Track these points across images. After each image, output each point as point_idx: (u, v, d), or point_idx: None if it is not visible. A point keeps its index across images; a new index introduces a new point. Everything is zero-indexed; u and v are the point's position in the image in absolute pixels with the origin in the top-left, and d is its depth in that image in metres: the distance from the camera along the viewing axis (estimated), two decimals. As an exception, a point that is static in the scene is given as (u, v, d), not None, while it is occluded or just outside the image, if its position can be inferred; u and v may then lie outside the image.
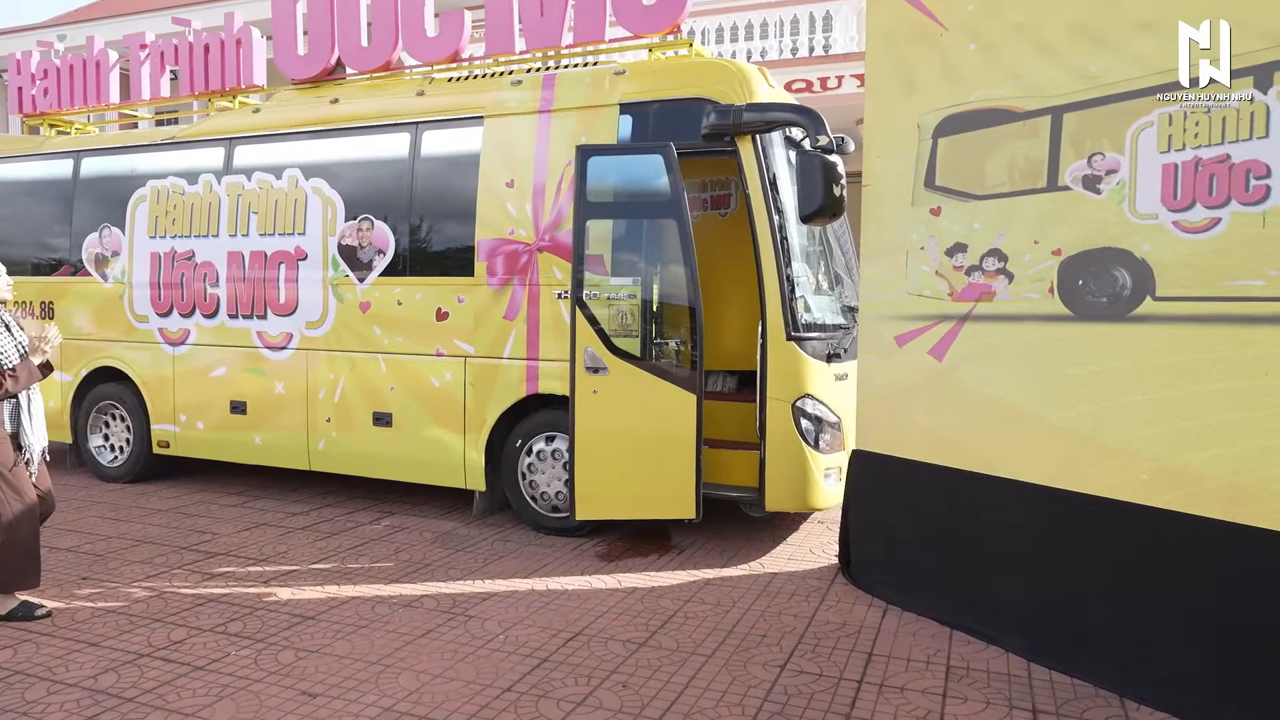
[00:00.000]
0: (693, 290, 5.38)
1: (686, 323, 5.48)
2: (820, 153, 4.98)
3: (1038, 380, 3.99)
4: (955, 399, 4.39)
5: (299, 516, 6.54)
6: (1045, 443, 3.97)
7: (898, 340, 4.67)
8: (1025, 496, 4.07)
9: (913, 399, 4.64)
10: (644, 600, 4.77)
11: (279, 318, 6.86)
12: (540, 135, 5.94)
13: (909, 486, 4.71)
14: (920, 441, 4.61)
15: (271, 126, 6.99)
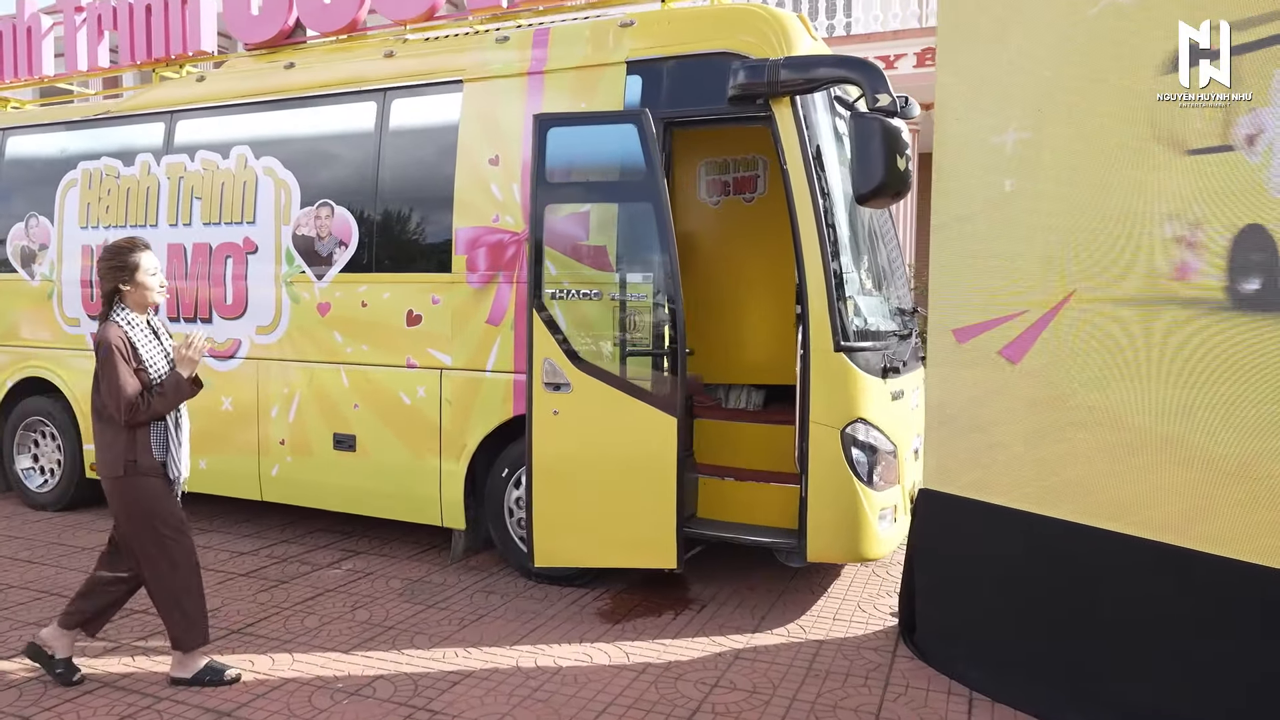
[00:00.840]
0: (673, 289, 4.40)
1: (665, 329, 4.46)
2: (881, 116, 3.95)
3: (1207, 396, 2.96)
4: (1066, 424, 3.37)
5: (245, 557, 5.51)
6: (1210, 490, 2.94)
7: (957, 335, 3.65)
8: (1178, 565, 3.04)
9: (1003, 424, 3.61)
10: (659, 684, 3.74)
11: (225, 322, 5.84)
12: (530, 102, 4.91)
13: (998, 539, 3.69)
14: (1015, 480, 3.59)
15: (217, 97, 5.97)
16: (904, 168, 3.96)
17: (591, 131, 4.71)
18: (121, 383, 3.42)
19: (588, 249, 4.69)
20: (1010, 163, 3.55)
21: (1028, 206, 3.49)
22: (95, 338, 3.52)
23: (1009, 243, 3.53)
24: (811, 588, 4.98)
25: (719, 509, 4.84)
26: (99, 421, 3.58)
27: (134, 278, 3.55)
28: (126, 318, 3.55)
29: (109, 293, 3.56)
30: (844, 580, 5.12)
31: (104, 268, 3.57)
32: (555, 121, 4.57)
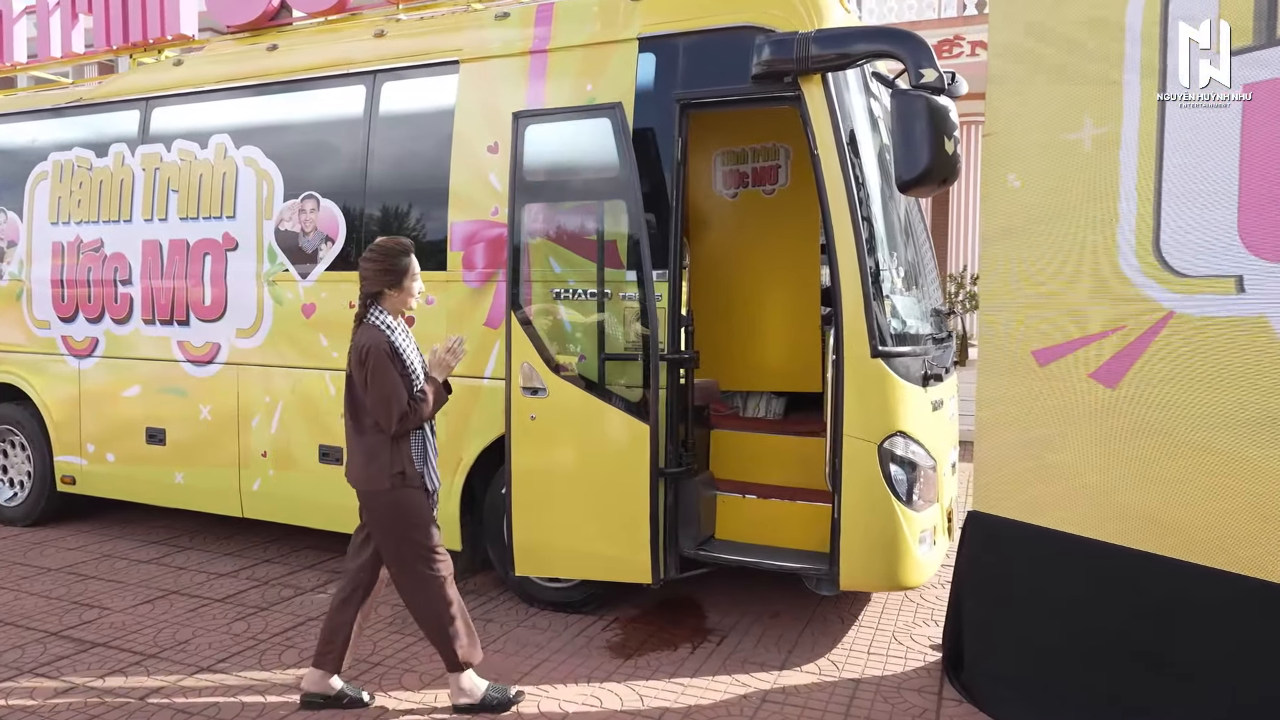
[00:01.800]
0: (646, 291, 4.02)
1: (635, 332, 4.11)
2: (926, 93, 3.51)
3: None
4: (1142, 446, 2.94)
5: (224, 580, 5.08)
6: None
7: (1038, 356, 3.20)
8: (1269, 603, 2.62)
9: (1067, 444, 3.18)
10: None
11: (204, 324, 5.41)
12: (533, 83, 4.48)
13: (1060, 571, 3.26)
14: (1079, 506, 3.16)
15: (195, 83, 5.54)
16: (952, 150, 3.52)
17: (568, 127, 4.33)
18: (393, 390, 3.24)
19: (566, 249, 4.32)
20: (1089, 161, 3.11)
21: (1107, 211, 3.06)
22: (357, 343, 3.32)
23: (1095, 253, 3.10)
24: (841, 615, 4.54)
25: (739, 529, 4.41)
26: (357, 431, 3.38)
27: (401, 282, 3.37)
28: (386, 321, 3.35)
29: (372, 295, 3.35)
30: (875, 606, 4.68)
31: (372, 269, 3.35)
32: (534, 118, 4.30)
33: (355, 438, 3.39)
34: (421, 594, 3.40)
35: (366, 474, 3.35)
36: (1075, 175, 3.16)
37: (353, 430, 3.39)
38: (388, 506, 3.34)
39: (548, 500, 4.25)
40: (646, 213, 4.10)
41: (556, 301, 4.37)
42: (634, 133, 4.14)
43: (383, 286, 3.35)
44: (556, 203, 4.39)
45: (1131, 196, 3.02)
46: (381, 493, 3.33)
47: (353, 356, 3.33)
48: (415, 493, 3.35)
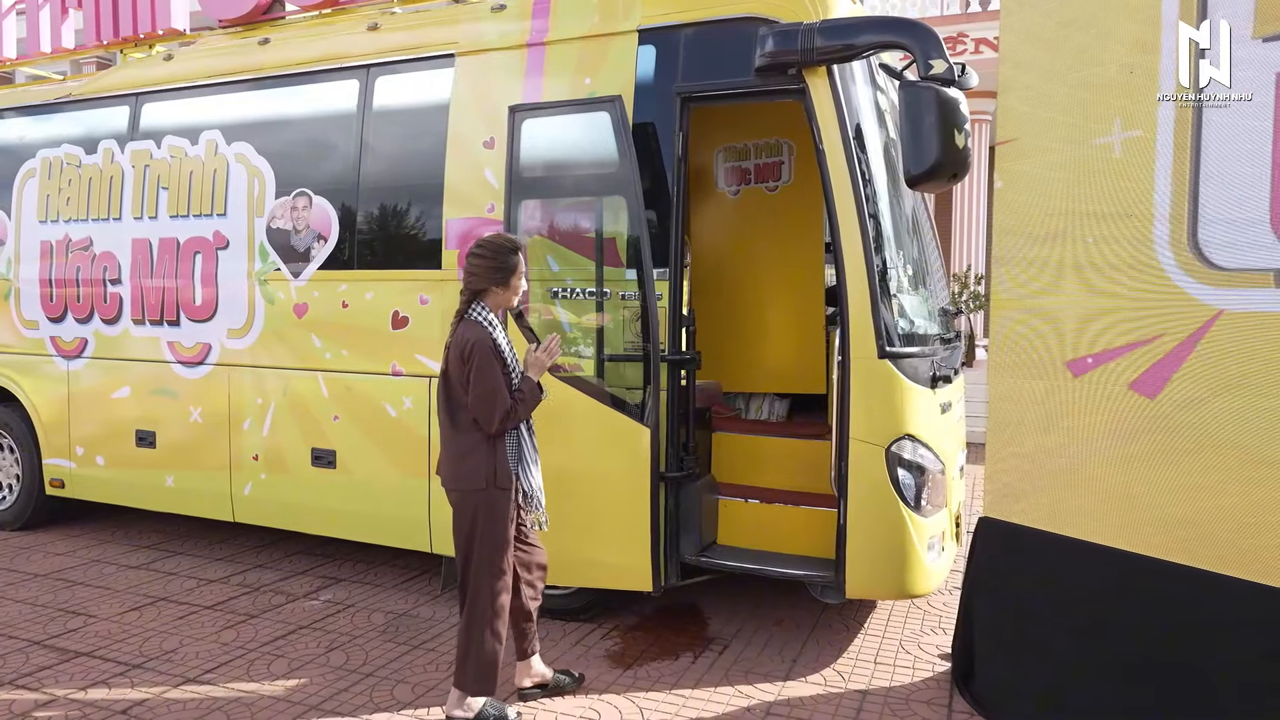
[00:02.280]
0: (646, 290, 3.92)
1: (635, 332, 4.00)
2: (935, 85, 3.40)
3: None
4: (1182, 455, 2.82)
5: (214, 586, 4.96)
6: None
7: (1073, 367, 3.08)
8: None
9: (1094, 449, 3.06)
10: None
11: (194, 324, 5.29)
12: (530, 76, 4.36)
13: (1081, 581, 3.14)
14: (1105, 513, 3.04)
15: (186, 78, 5.42)
16: (963, 144, 3.40)
17: (566, 121, 4.23)
18: (496, 388, 3.19)
19: (564, 247, 4.22)
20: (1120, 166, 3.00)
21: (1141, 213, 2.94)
22: (459, 338, 3.25)
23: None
24: (846, 623, 4.42)
25: (742, 534, 4.30)
26: (453, 428, 3.29)
27: (509, 280, 3.31)
28: (489, 318, 3.29)
29: (477, 291, 3.29)
30: (881, 613, 4.56)
31: (482, 266, 3.29)
32: (530, 112, 4.19)
33: (450, 436, 3.31)
34: (477, 601, 3.29)
35: (458, 472, 3.27)
36: (1103, 171, 3.04)
37: (448, 428, 3.31)
38: (476, 507, 3.26)
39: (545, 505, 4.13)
40: (646, 209, 3.99)
41: (554, 301, 4.27)
42: (633, 127, 4.03)
43: (490, 284, 3.29)
44: (554, 199, 4.30)
45: (1166, 192, 2.90)
46: (475, 492, 3.25)
47: (453, 352, 3.26)
48: (502, 497, 3.27)
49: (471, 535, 3.28)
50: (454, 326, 3.34)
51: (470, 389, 3.20)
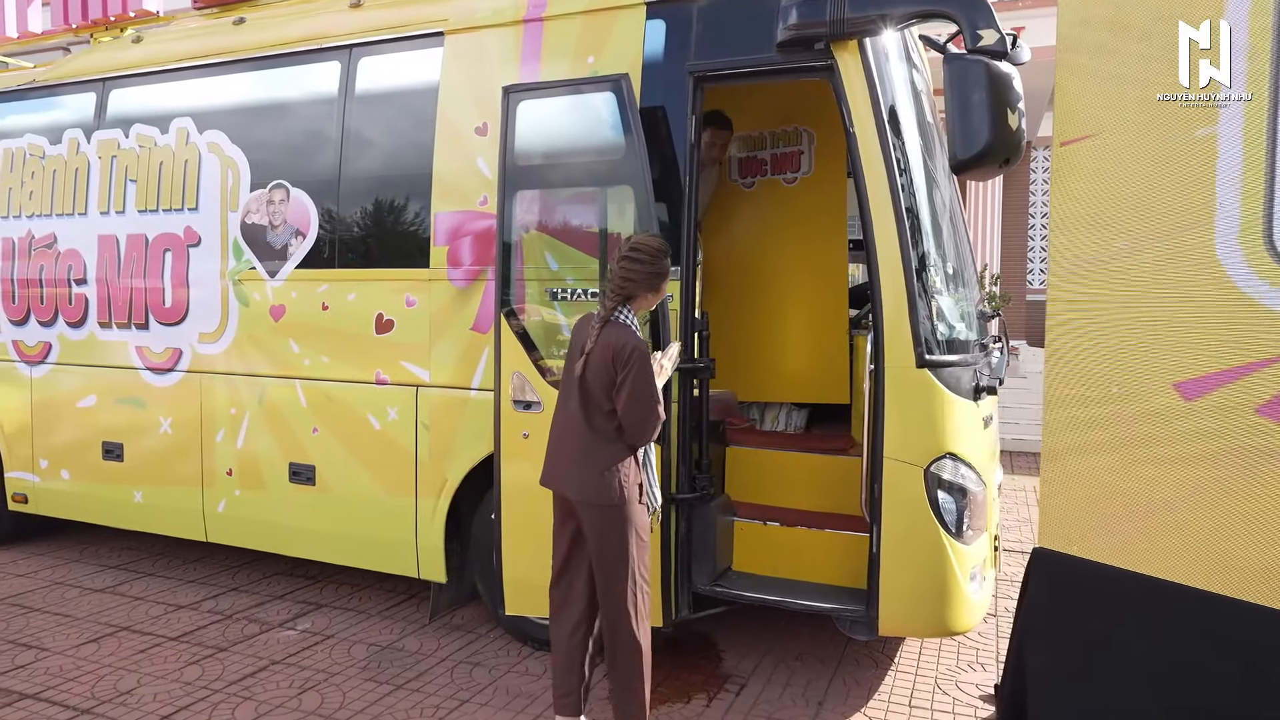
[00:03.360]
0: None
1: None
2: (985, 58, 2.99)
3: None
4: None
5: (183, 612, 4.56)
6: None
7: (1184, 389, 2.67)
8: None
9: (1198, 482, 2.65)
10: (696, 818, 2.78)
11: (164, 328, 4.89)
12: (527, 56, 3.96)
13: (1161, 624, 2.73)
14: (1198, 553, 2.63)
15: (156, 62, 5.02)
16: (1016, 125, 3.00)
17: (566, 103, 3.82)
18: (655, 396, 2.96)
19: (564, 243, 3.82)
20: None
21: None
22: (611, 341, 2.95)
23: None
24: (874, 658, 4.01)
25: (759, 560, 3.90)
26: (593, 437, 3.00)
27: (661, 285, 3.11)
28: (635, 323, 3.04)
29: (629, 296, 3.04)
30: (912, 647, 4.15)
31: (641, 271, 3.03)
32: (526, 93, 3.79)
33: (588, 446, 3.00)
34: (620, 620, 2.99)
35: (598, 484, 2.95)
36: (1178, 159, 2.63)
37: (585, 437, 3.01)
38: (619, 523, 2.96)
39: (543, 530, 3.72)
40: (656, 201, 3.59)
41: (553, 302, 3.86)
42: (641, 109, 3.62)
43: (646, 289, 3.05)
44: (552, 190, 3.90)
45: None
46: (615, 508, 2.95)
47: (600, 356, 2.97)
48: (643, 510, 3.04)
49: (614, 553, 2.96)
50: (595, 329, 3.01)
51: (627, 397, 2.93)
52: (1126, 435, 2.78)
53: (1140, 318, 2.77)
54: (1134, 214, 2.77)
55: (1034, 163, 14.28)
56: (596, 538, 2.98)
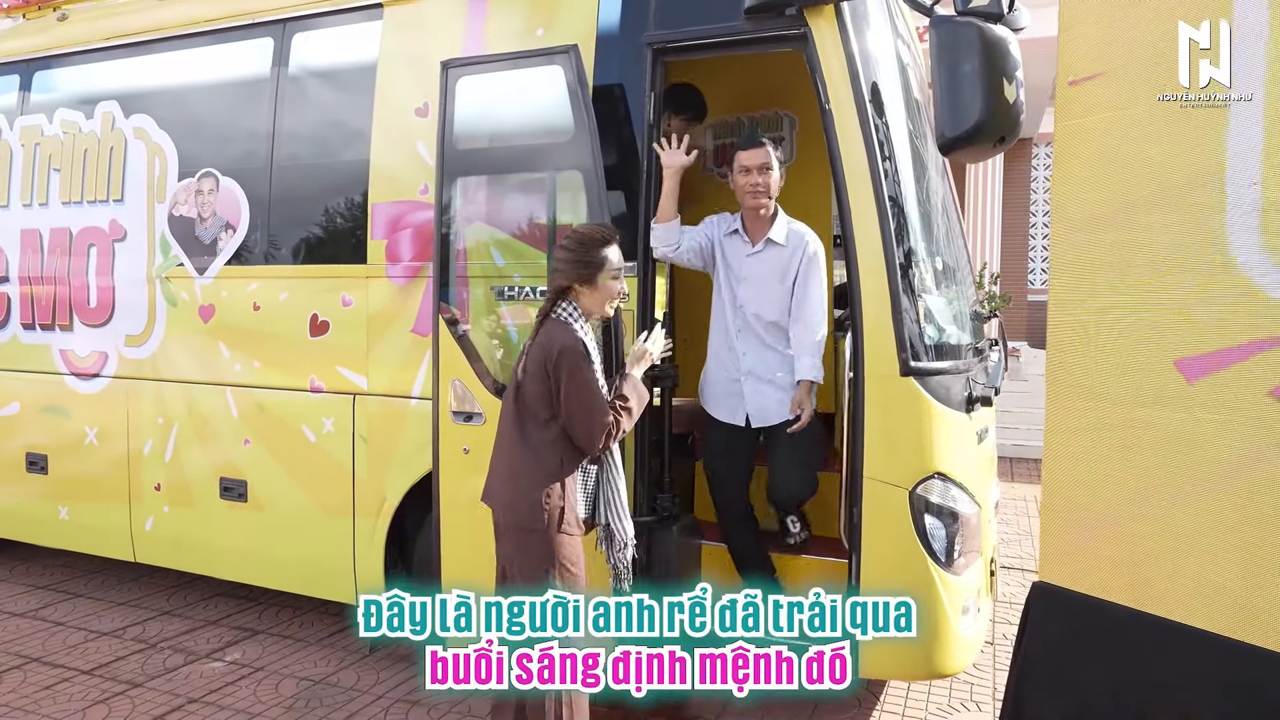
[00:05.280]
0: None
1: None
2: (977, 21, 2.59)
3: None
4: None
5: (104, 640, 4.17)
6: None
7: (1184, 369, 2.28)
8: None
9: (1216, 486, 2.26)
10: None
11: (89, 329, 4.51)
12: (471, 29, 3.57)
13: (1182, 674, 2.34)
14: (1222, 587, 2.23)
15: (81, 41, 4.63)
16: (1013, 98, 2.60)
17: (510, 78, 3.43)
18: (596, 399, 2.64)
19: (510, 236, 3.43)
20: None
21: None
22: (543, 342, 2.66)
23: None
24: (858, 696, 3.62)
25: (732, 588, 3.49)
26: (524, 449, 2.67)
27: (595, 278, 2.72)
28: (577, 318, 2.71)
29: (561, 289, 2.73)
30: (897, 684, 3.76)
31: (564, 260, 2.73)
32: (466, 67, 3.42)
33: (517, 459, 2.68)
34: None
35: (519, 506, 2.64)
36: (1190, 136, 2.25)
37: (516, 449, 2.69)
38: (543, 547, 2.63)
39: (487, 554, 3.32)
40: (610, 189, 3.20)
41: (499, 302, 3.47)
42: (594, 86, 3.24)
43: (573, 281, 2.71)
44: (497, 176, 3.51)
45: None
46: (536, 532, 2.62)
47: (532, 358, 2.68)
48: (576, 542, 2.69)
49: (538, 589, 2.61)
50: (535, 327, 2.70)
51: (564, 403, 2.62)
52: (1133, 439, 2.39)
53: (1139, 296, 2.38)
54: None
55: (1035, 159, 13.90)
56: (514, 565, 2.63)
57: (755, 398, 3.30)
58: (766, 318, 3.26)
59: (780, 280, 3.24)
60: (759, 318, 3.26)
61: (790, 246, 3.25)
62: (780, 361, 3.27)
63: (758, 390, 3.29)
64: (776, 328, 3.26)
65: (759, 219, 3.28)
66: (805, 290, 3.22)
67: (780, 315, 3.24)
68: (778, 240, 3.26)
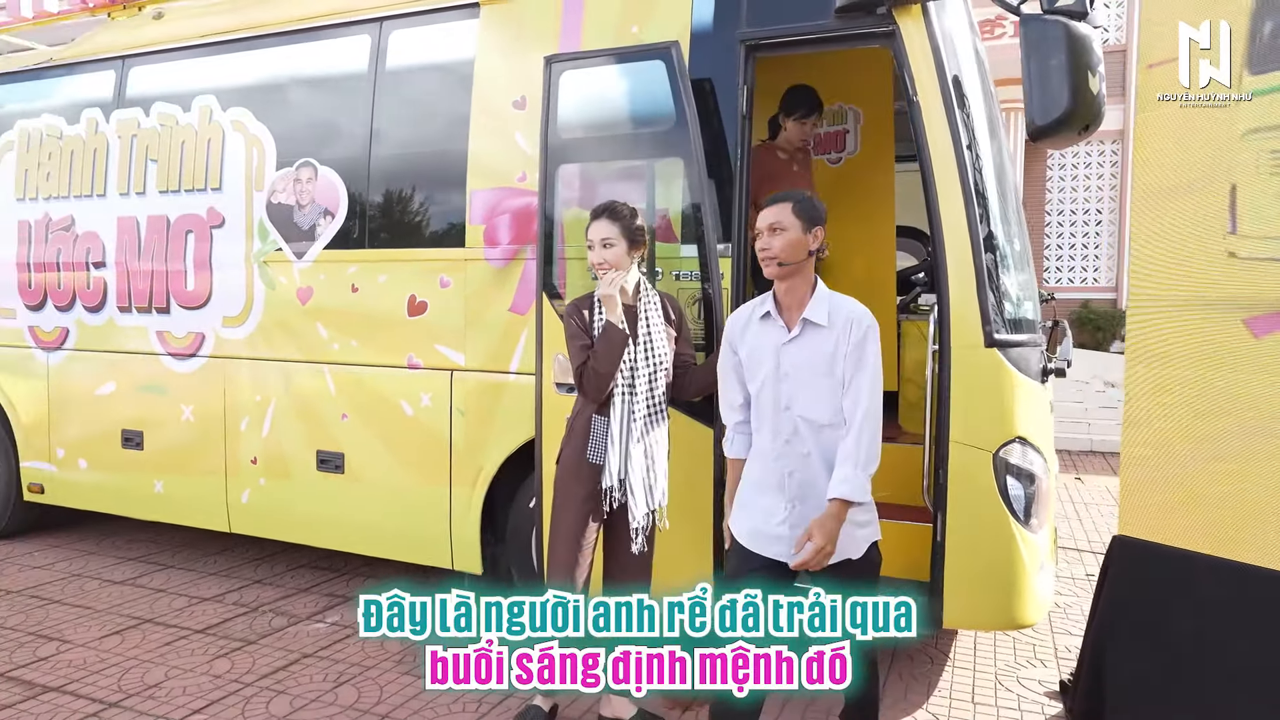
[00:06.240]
0: (710, 269, 3.38)
1: (694, 316, 3.47)
2: (1064, 18, 2.83)
3: None
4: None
5: (206, 605, 4.41)
6: None
7: (1254, 326, 2.52)
8: None
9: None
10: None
11: (186, 312, 4.75)
12: (567, 26, 3.81)
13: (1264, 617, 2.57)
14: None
15: (178, 38, 4.87)
16: (1096, 90, 2.84)
17: (612, 73, 3.67)
18: (573, 346, 3.09)
19: None
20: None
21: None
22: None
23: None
24: (929, 653, 3.86)
25: (809, 551, 3.73)
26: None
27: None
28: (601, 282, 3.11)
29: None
30: (965, 640, 4.00)
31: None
32: (569, 63, 3.64)
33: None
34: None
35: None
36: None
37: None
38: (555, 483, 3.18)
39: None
40: (708, 176, 3.44)
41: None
42: (691, 79, 3.47)
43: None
44: (597, 164, 3.74)
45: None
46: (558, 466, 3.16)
47: None
48: (566, 480, 3.11)
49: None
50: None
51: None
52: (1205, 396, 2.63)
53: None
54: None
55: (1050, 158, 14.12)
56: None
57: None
58: (818, 420, 2.53)
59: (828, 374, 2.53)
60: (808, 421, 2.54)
61: (834, 327, 2.52)
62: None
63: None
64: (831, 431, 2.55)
65: (788, 294, 2.58)
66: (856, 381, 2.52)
67: (834, 416, 2.53)
68: (817, 321, 2.53)
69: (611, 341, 2.98)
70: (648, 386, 3.03)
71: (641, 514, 3.02)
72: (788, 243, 2.52)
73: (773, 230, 2.54)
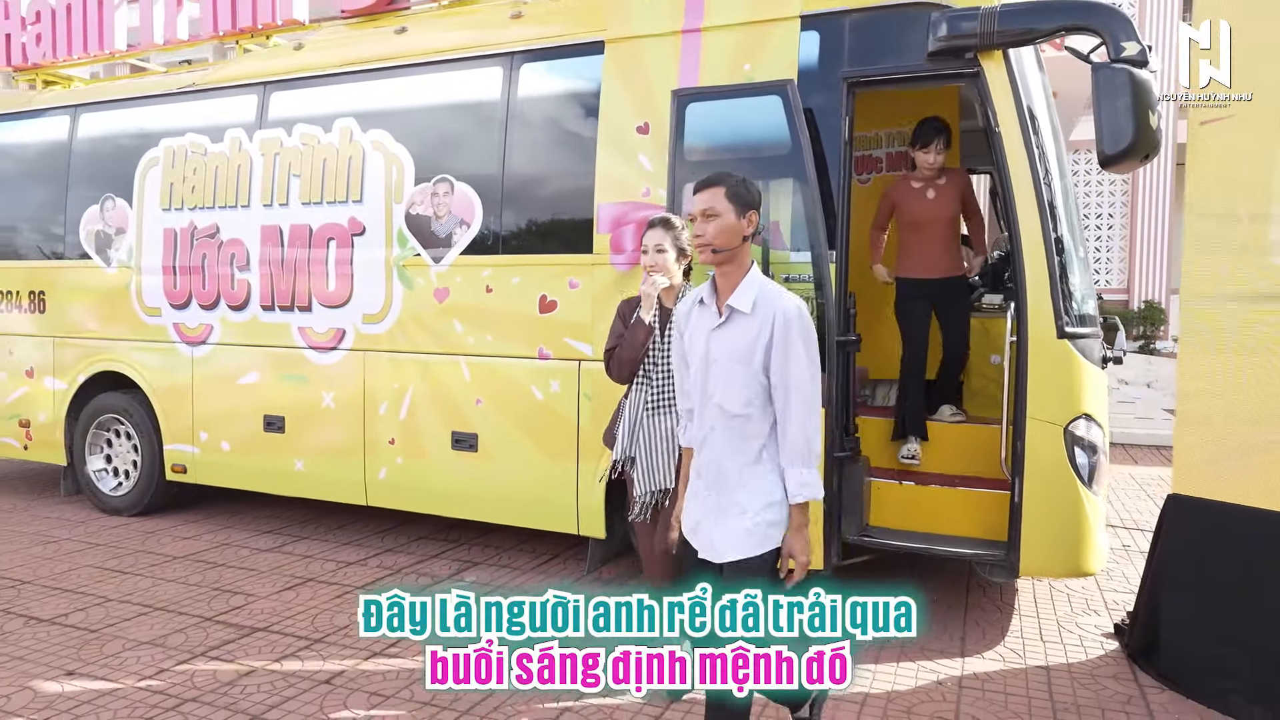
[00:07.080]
0: (821, 272, 4.03)
1: (818, 314, 4.05)
2: (1130, 66, 3.44)
3: None
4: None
5: (353, 568, 5.02)
6: None
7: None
8: None
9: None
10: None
11: (328, 310, 5.35)
12: (686, 63, 4.41)
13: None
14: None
15: (319, 67, 5.49)
16: (1155, 125, 3.46)
17: (733, 105, 4.28)
18: (611, 338, 3.68)
19: None
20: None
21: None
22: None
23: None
24: (997, 605, 4.46)
25: (896, 517, 4.34)
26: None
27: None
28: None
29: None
30: (1025, 595, 4.60)
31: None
32: (695, 96, 4.28)
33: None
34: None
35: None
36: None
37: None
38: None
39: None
40: (818, 193, 4.04)
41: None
42: (803, 110, 4.08)
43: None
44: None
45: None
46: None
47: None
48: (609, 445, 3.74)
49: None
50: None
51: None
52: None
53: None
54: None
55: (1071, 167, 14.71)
56: None
57: (718, 527, 2.51)
58: (730, 409, 2.45)
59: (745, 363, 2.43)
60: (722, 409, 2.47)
61: (758, 316, 2.42)
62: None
63: (719, 521, 2.50)
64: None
65: (724, 280, 2.49)
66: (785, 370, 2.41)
67: (744, 406, 2.44)
68: (740, 308, 2.43)
69: (636, 334, 3.53)
70: (662, 380, 3.53)
71: (638, 490, 3.54)
72: (721, 228, 2.43)
73: (706, 216, 2.45)
